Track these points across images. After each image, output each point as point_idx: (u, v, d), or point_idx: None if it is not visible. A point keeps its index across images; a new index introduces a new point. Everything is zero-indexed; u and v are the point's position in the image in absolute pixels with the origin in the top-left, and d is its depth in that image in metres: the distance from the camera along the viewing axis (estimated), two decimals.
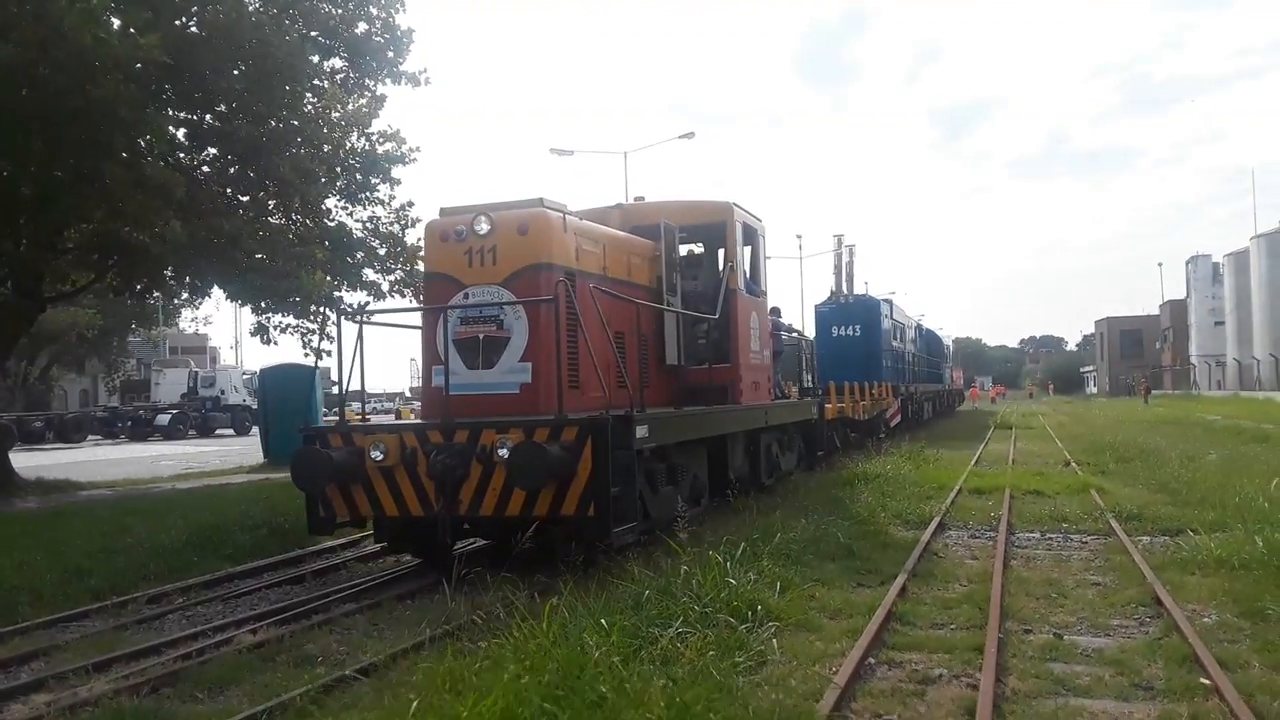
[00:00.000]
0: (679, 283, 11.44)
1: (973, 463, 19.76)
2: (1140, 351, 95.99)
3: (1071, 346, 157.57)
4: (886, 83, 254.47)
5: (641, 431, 8.76)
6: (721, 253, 12.62)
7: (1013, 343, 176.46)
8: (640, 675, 5.24)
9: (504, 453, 8.17)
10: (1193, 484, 13.67)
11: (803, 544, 9.26)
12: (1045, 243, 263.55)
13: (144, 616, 8.16)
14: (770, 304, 14.72)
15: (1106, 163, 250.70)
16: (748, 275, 12.88)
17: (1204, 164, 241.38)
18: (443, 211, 9.81)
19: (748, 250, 12.97)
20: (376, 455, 8.64)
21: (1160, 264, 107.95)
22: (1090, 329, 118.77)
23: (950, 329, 59.90)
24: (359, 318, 9.89)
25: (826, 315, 26.59)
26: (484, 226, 9.18)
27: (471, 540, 10.45)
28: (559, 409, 8.46)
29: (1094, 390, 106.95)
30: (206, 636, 7.25)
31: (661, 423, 9.48)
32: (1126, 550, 9.45)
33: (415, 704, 5.00)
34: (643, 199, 12.87)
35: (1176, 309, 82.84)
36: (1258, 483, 12.26)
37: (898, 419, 27.46)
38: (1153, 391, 68.00)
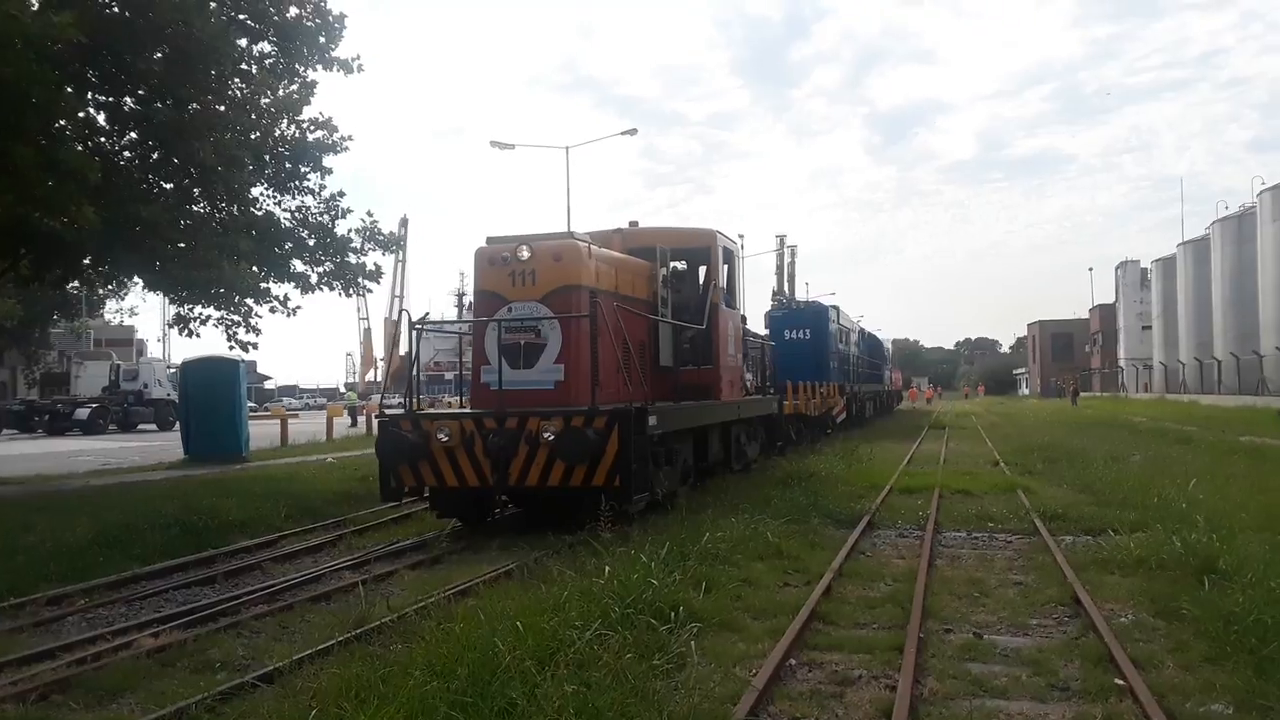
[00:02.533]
0: (669, 296, 13.25)
1: (905, 461, 19.97)
2: (1071, 354, 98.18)
3: (1005, 349, 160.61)
4: (827, 86, 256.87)
5: (653, 421, 10.88)
6: (703, 269, 14.73)
7: (949, 344, 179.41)
8: (554, 679, 5.09)
9: (549, 435, 10.18)
10: (1116, 485, 13.90)
11: (732, 543, 9.19)
12: (980, 246, 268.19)
13: (42, 619, 7.76)
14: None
15: (1040, 169, 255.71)
16: (725, 291, 14.71)
17: (1132, 172, 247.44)
18: (489, 240, 11.64)
19: (725, 269, 14.83)
20: (443, 437, 10.59)
21: (1091, 269, 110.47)
22: (1023, 332, 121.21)
23: (888, 330, 61.14)
24: (416, 324, 11.99)
25: (779, 319, 27.88)
26: (525, 254, 11.14)
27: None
28: (592, 402, 10.42)
29: (1026, 392, 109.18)
30: (105, 640, 6.91)
31: (666, 414, 11.56)
32: (1049, 550, 9.54)
33: (314, 713, 4.80)
34: (636, 224, 14.50)
35: (1106, 313, 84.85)
36: (1178, 484, 12.50)
37: (843, 416, 29.69)
38: (1082, 393, 69.59)
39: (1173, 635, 6.49)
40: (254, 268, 16.60)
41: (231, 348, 17.92)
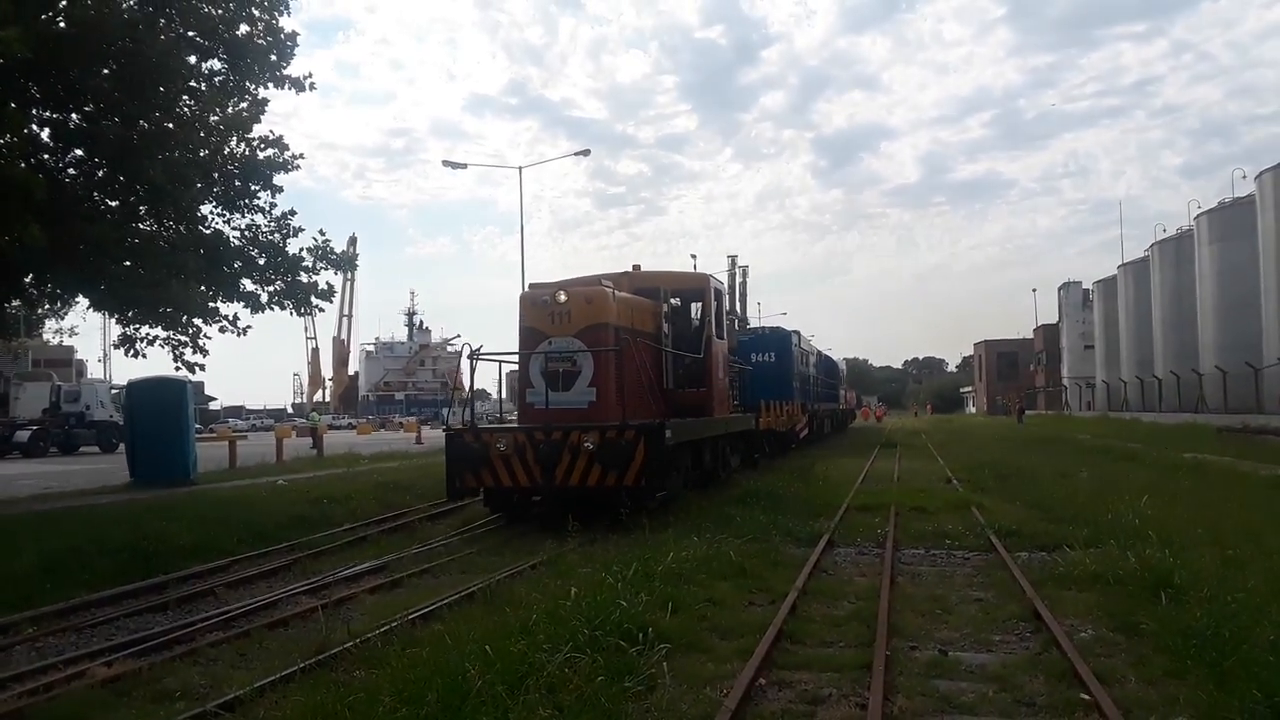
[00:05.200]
0: (670, 330, 15.52)
1: (860, 478, 20.15)
2: (1016, 373, 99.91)
3: (952, 368, 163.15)
4: (774, 110, 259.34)
5: (668, 434, 13.02)
6: (695, 306, 17.09)
7: (897, 364, 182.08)
8: (525, 705, 5.03)
9: (590, 445, 12.41)
10: (1067, 501, 14.15)
11: (695, 563, 9.19)
12: (926, 268, 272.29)
13: None
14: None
15: (981, 193, 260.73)
16: (715, 325, 16.83)
17: (1071, 196, 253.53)
18: (531, 286, 14.53)
19: (715, 305, 17.06)
20: (501, 447, 12.80)
21: (1034, 290, 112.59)
22: (969, 351, 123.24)
23: (838, 350, 62.26)
24: (472, 353, 14.19)
25: (746, 344, 28.80)
26: (563, 297, 13.47)
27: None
28: (622, 418, 12.73)
29: (973, 410, 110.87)
30: (56, 670, 6.70)
31: (677, 428, 13.68)
32: (1006, 566, 9.67)
33: None
34: (639, 267, 16.90)
35: (1049, 333, 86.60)
36: (1128, 500, 12.73)
37: (805, 432, 31.98)
38: (1027, 411, 70.79)
39: (1133, 650, 6.60)
40: (203, 287, 16.25)
41: (178, 368, 17.48)
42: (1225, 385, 37.88)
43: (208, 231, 16.34)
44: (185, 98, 15.57)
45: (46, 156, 15.17)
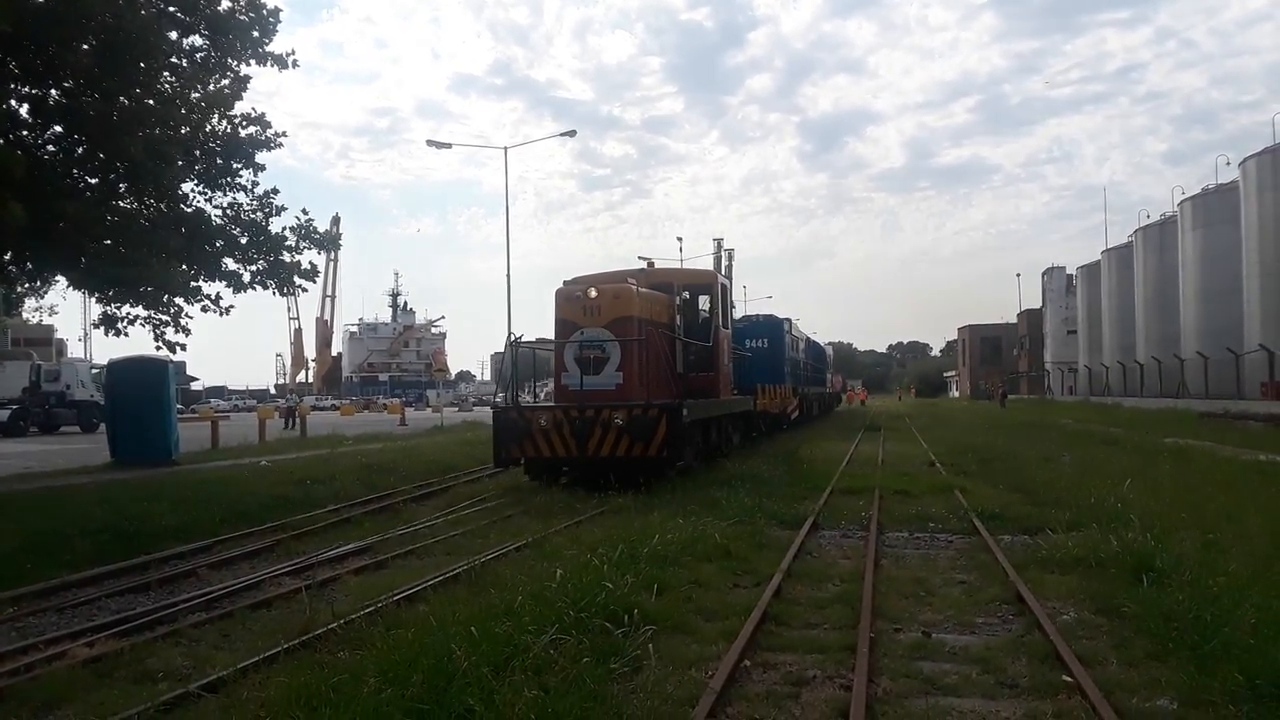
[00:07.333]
0: (681, 321, 17.29)
1: (845, 461, 20.23)
2: (999, 357, 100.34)
3: (936, 352, 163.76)
4: (760, 93, 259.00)
5: (685, 412, 14.93)
6: (703, 299, 19.10)
7: (881, 347, 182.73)
8: (511, 686, 5.02)
9: (619, 421, 14.31)
10: (1049, 485, 14.22)
11: (681, 546, 9.19)
12: (910, 252, 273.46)
13: None
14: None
15: (966, 178, 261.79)
16: (722, 316, 18.71)
17: (1055, 182, 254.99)
18: (566, 283, 16.40)
19: (721, 299, 18.89)
20: (542, 422, 14.67)
21: (1018, 275, 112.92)
22: (953, 335, 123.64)
23: (823, 333, 62.71)
24: (515, 341, 16.76)
25: (742, 330, 29.50)
26: (594, 293, 15.33)
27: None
28: (646, 398, 14.82)
29: (955, 394, 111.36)
30: (37, 650, 6.65)
31: (692, 408, 15.56)
32: (989, 549, 9.71)
33: None
34: (653, 263, 19.60)
35: (1033, 318, 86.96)
36: (1109, 484, 12.82)
37: (796, 413, 33.77)
38: (1010, 396, 71.13)
39: (1115, 632, 6.64)
40: (184, 266, 16.08)
41: (159, 348, 17.32)
42: (1207, 371, 38.17)
43: (189, 210, 16.17)
44: (166, 74, 15.37)
45: (25, 133, 14.96)
